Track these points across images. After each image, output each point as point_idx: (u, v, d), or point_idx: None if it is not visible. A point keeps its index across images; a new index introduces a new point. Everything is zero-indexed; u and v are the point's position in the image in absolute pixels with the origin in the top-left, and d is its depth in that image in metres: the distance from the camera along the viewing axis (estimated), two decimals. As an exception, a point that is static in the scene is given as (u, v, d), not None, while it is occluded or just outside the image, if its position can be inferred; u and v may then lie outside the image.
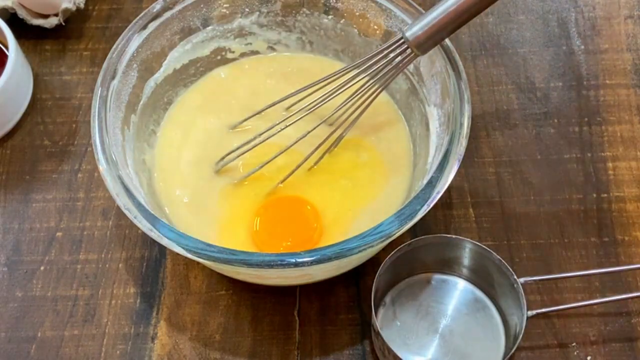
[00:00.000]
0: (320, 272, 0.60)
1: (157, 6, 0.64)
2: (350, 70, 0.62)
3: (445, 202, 0.68)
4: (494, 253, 0.59)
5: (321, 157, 0.64)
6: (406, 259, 0.60)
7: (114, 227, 0.67)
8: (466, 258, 0.61)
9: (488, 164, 0.70)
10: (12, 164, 0.71)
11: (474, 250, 0.60)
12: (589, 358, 0.60)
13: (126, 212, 0.54)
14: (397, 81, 0.66)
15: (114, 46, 0.62)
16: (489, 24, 0.79)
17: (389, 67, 0.60)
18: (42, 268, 0.65)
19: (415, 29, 0.57)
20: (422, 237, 0.60)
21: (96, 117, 0.58)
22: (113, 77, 0.61)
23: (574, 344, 0.61)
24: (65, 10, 0.76)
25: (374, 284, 0.58)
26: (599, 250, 0.65)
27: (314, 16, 0.69)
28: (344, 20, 0.68)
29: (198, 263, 0.64)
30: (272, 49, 0.72)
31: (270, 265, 0.52)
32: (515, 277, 0.57)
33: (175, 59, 0.67)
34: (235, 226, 0.62)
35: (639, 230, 0.66)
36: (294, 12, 0.69)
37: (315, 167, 0.64)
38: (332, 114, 0.62)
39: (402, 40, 0.58)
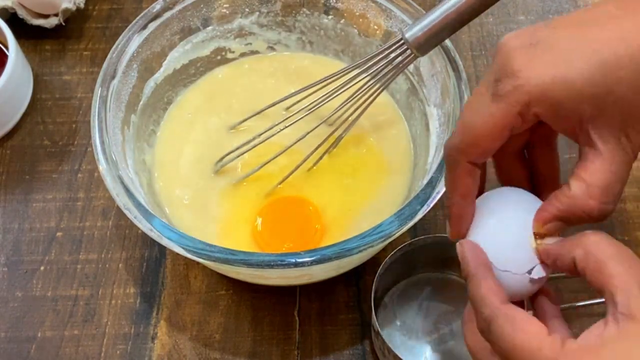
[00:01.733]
0: (320, 272, 0.60)
1: (157, 6, 0.64)
2: (351, 71, 0.62)
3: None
4: (494, 253, 0.58)
5: (321, 157, 0.64)
6: (406, 259, 0.60)
7: (114, 227, 0.67)
8: (466, 258, 0.61)
9: (488, 164, 0.70)
10: (12, 164, 0.71)
11: (474, 250, 0.60)
12: (589, 358, 0.60)
13: (126, 212, 0.54)
14: (397, 81, 0.66)
15: (114, 46, 0.62)
16: (489, 24, 0.79)
17: (389, 67, 0.60)
18: (42, 268, 0.65)
19: (414, 30, 0.57)
20: (422, 237, 0.60)
21: (96, 117, 0.58)
22: (113, 77, 0.61)
23: (574, 344, 0.61)
24: (65, 10, 0.76)
25: (374, 284, 0.58)
26: (599, 250, 0.65)
27: (314, 16, 0.69)
28: (344, 20, 0.68)
29: (198, 263, 0.64)
30: (272, 49, 0.72)
31: (270, 265, 0.52)
32: (515, 277, 0.57)
33: (175, 59, 0.67)
34: (235, 226, 0.62)
35: (639, 230, 0.66)
36: (294, 12, 0.69)
37: (315, 167, 0.64)
38: (332, 114, 0.62)
39: (401, 42, 0.58)
